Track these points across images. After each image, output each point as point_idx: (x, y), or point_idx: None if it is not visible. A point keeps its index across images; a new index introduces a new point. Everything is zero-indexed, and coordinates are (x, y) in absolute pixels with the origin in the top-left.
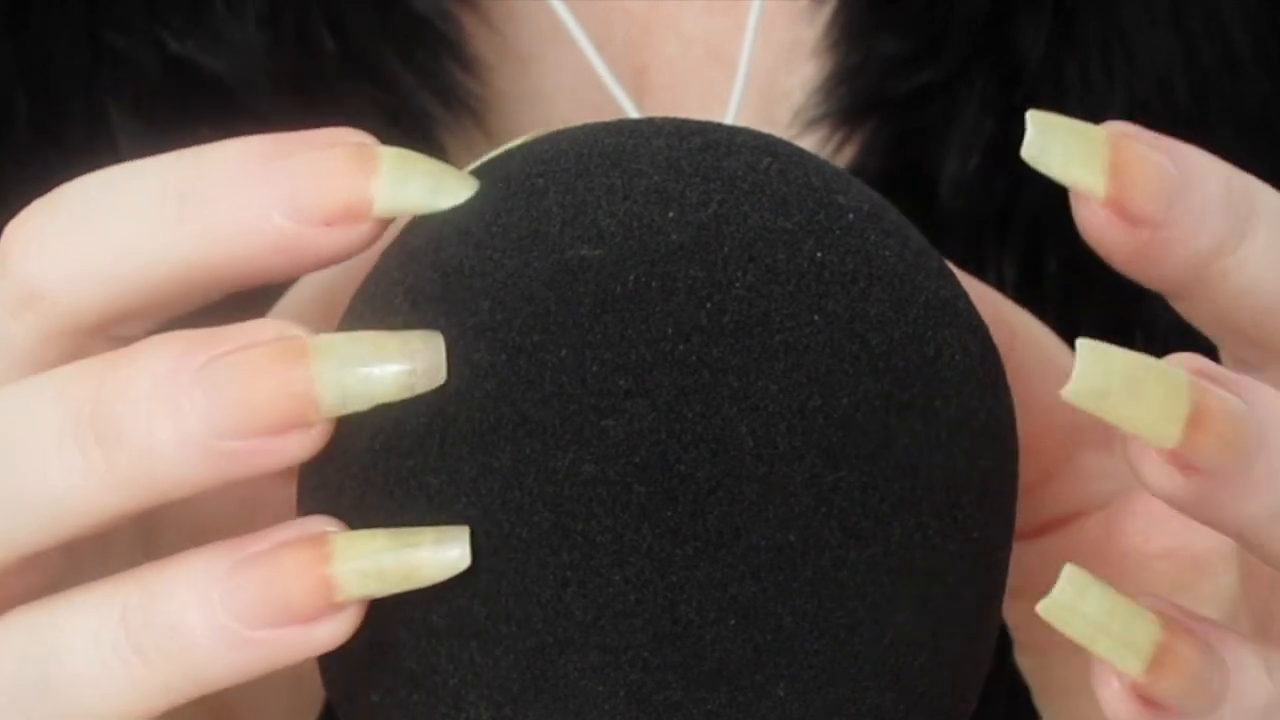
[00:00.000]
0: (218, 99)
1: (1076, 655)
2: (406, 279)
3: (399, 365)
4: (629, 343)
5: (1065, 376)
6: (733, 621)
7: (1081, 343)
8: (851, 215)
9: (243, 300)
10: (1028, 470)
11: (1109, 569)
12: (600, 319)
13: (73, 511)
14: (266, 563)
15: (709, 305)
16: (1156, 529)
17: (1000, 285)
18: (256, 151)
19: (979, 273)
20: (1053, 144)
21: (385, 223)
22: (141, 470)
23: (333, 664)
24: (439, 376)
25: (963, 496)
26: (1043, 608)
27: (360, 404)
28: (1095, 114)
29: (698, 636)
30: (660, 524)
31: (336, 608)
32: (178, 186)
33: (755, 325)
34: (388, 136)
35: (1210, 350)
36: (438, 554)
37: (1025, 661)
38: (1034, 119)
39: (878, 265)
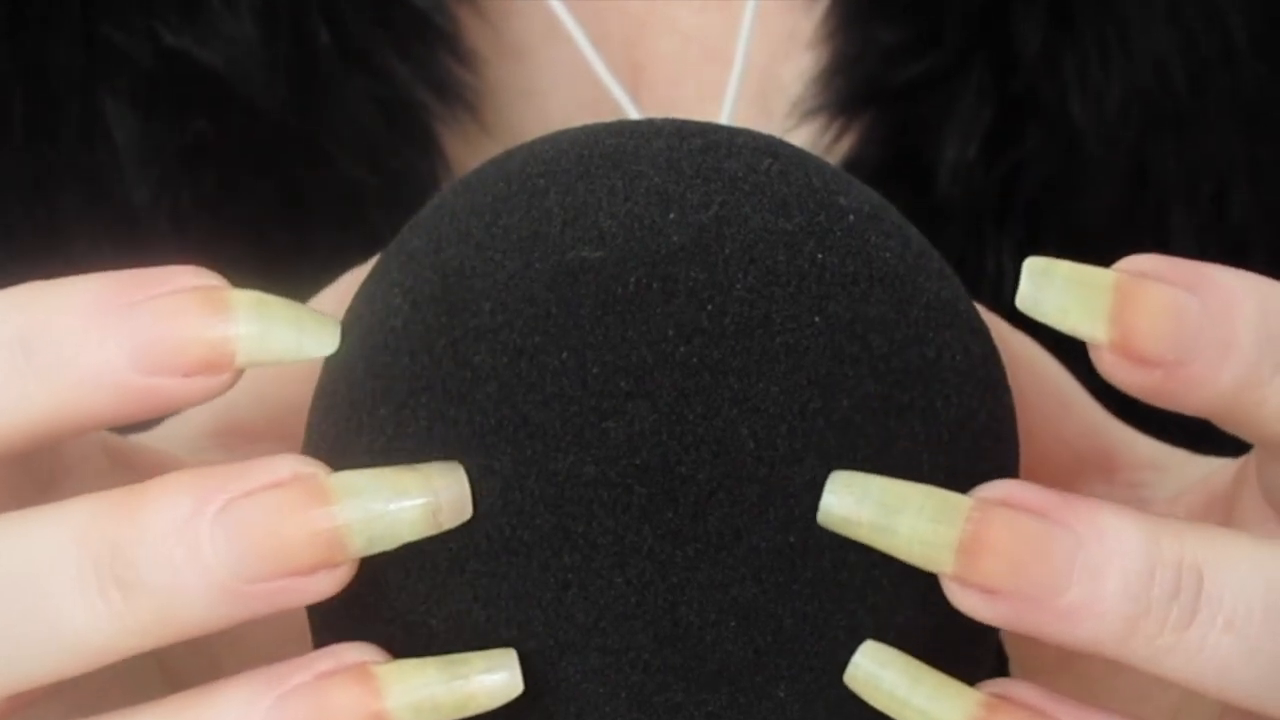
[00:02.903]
0: (213, 92)
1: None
2: (406, 280)
3: (423, 501)
4: (630, 344)
5: (1069, 403)
6: (733, 623)
7: (836, 475)
8: (852, 216)
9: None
10: None
11: None
12: (601, 320)
13: (90, 650)
14: (313, 698)
15: (710, 307)
16: None
17: (999, 274)
18: (103, 298)
19: (978, 261)
20: (1047, 296)
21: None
22: (163, 614)
23: None
24: (465, 511)
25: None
26: (846, 677)
27: (387, 544)
28: (1095, 104)
29: (699, 638)
30: (661, 526)
31: None
32: (23, 335)
33: (756, 327)
34: (384, 129)
35: None
36: (488, 682)
37: None
38: (1029, 269)
39: (879, 267)
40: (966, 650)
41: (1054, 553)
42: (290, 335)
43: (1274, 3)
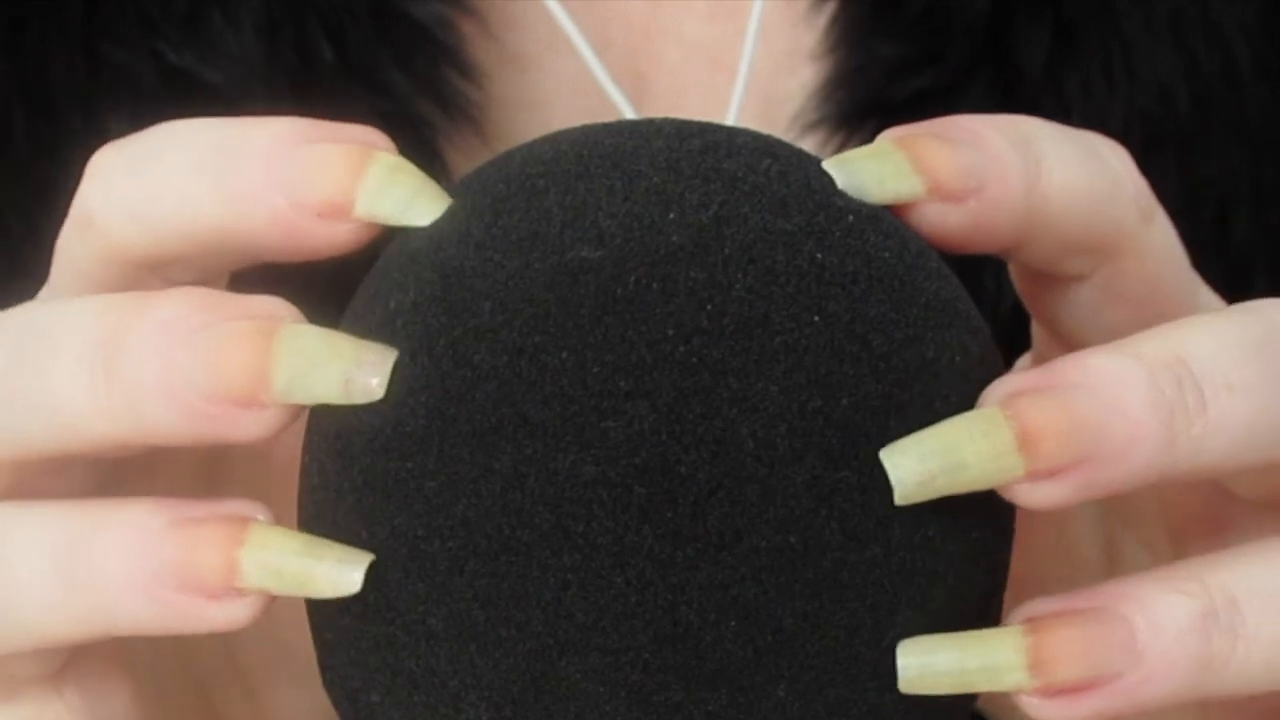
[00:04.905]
0: (215, 110)
1: None
2: (406, 280)
3: (342, 369)
4: (630, 344)
5: None
6: (733, 623)
7: (886, 453)
8: (851, 217)
9: None
10: None
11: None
12: (601, 320)
13: (66, 426)
14: (190, 529)
15: (709, 307)
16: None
17: (998, 290)
18: (288, 134)
19: (975, 277)
20: (862, 176)
21: (372, 227)
22: (128, 404)
23: (333, 663)
24: (375, 394)
25: (962, 497)
26: (903, 686)
27: (301, 396)
28: (1097, 124)
29: (698, 638)
30: (661, 525)
31: (236, 592)
32: (219, 155)
33: (755, 326)
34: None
35: None
36: (334, 572)
37: None
38: (834, 165)
39: (877, 266)
40: None
41: (1082, 409)
42: (400, 200)
43: (1276, 25)
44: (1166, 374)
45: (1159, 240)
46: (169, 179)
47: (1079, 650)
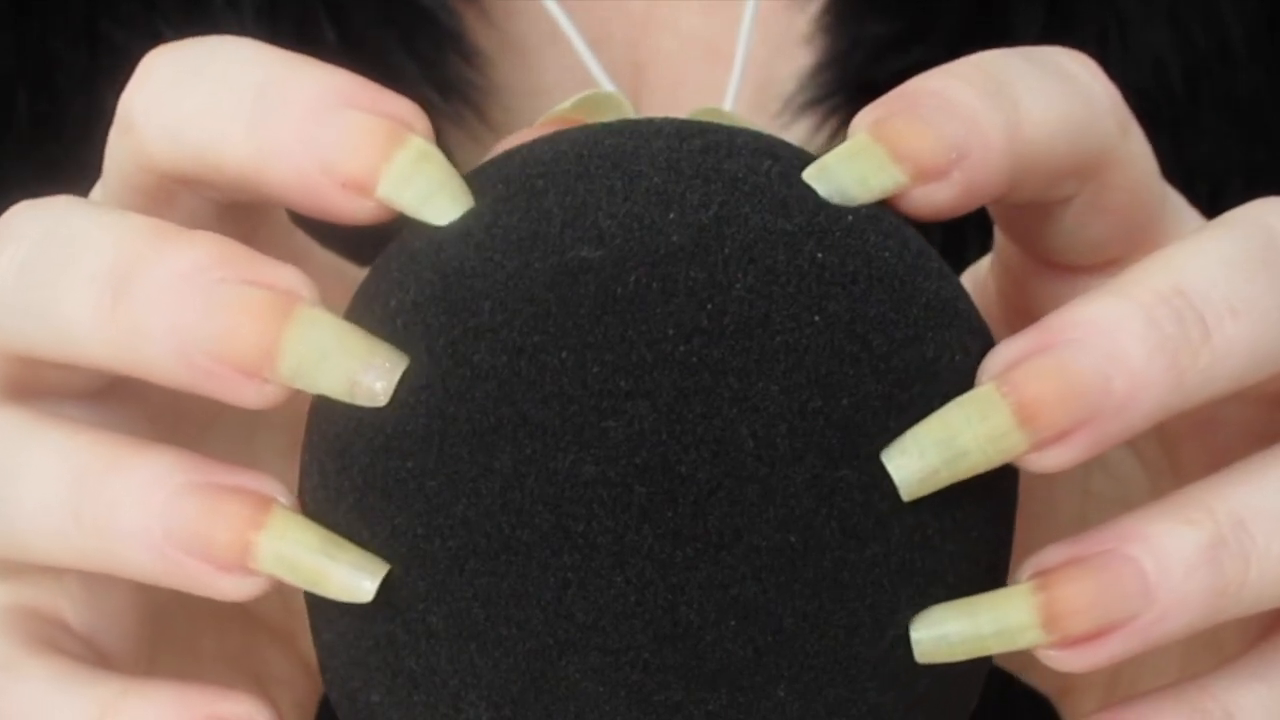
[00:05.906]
0: None
1: None
2: (407, 280)
3: (349, 369)
4: (630, 344)
5: None
6: (733, 622)
7: (887, 452)
8: (851, 217)
9: None
10: None
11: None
12: (601, 320)
13: (67, 339)
14: (211, 499)
15: (710, 306)
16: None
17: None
18: (332, 92)
19: (958, 256)
20: (842, 180)
21: (390, 209)
22: (131, 338)
23: (333, 663)
24: (378, 400)
25: (963, 496)
26: (920, 657)
27: (305, 385)
28: None
29: (698, 637)
30: (661, 525)
31: (247, 571)
32: (261, 97)
33: (756, 326)
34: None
35: None
36: (348, 576)
37: None
38: (812, 174)
39: (878, 266)
40: None
41: (1080, 367)
42: (419, 195)
43: (1271, 5)
44: (1164, 309)
45: (1137, 148)
46: (208, 106)
47: (1091, 600)
